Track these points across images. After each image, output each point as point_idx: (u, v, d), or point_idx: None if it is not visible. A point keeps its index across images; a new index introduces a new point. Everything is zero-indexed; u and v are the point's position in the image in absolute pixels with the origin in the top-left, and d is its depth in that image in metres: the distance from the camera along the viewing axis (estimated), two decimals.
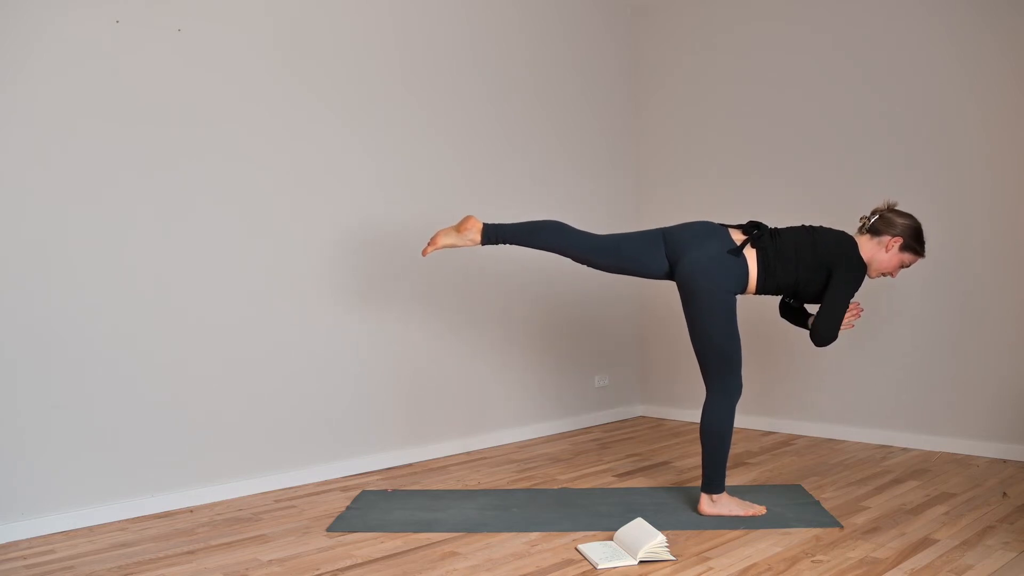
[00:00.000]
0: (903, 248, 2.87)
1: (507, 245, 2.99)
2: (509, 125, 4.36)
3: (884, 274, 2.93)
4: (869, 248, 2.88)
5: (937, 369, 3.87)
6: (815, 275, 2.84)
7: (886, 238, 2.86)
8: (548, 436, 4.46)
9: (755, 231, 2.88)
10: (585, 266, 3.01)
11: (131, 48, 3.10)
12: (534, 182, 4.45)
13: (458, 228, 2.93)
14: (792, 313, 3.11)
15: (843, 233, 2.91)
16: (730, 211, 4.39)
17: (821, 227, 2.94)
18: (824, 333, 2.82)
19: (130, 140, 3.09)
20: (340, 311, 3.67)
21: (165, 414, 3.17)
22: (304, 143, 3.57)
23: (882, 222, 2.88)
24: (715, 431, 2.84)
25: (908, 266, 2.95)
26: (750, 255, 2.84)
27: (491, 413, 4.25)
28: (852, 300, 2.85)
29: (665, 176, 4.92)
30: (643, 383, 5.08)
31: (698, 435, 4.28)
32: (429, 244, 2.95)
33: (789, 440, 4.19)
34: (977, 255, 3.75)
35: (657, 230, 2.97)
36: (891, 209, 2.91)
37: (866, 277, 2.89)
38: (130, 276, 3.09)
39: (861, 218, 2.96)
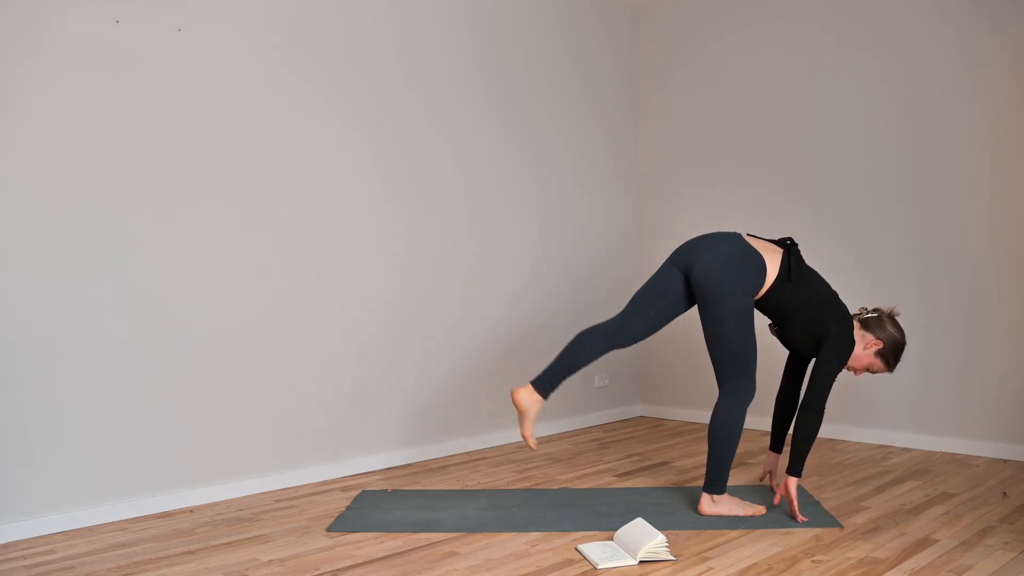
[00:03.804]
0: (878, 354, 2.92)
1: (563, 381, 2.98)
2: (510, 125, 4.36)
3: (849, 367, 2.95)
4: (854, 337, 2.91)
5: (937, 369, 3.86)
6: (812, 323, 2.87)
7: (870, 337, 2.91)
8: (548, 436, 4.46)
9: (789, 242, 2.91)
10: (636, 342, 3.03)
11: (131, 48, 3.10)
12: (534, 172, 4.45)
13: (521, 414, 2.95)
14: (787, 399, 3.17)
15: (850, 314, 2.94)
16: (732, 214, 4.39)
17: (838, 297, 2.97)
18: (815, 404, 2.80)
19: (130, 140, 3.10)
20: (339, 311, 3.67)
21: (165, 414, 3.17)
22: (304, 142, 3.56)
23: (876, 321, 2.93)
24: (723, 432, 2.83)
25: (873, 373, 2.99)
26: (773, 261, 2.85)
27: (491, 413, 4.24)
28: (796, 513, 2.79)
29: (666, 177, 4.92)
30: (643, 383, 5.08)
31: (699, 435, 4.33)
32: (528, 441, 2.97)
33: (789, 440, 4.17)
34: (977, 256, 3.74)
35: (664, 262, 3.03)
36: (890, 316, 2.95)
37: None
38: (130, 276, 3.09)
39: (861, 308, 3.02)
